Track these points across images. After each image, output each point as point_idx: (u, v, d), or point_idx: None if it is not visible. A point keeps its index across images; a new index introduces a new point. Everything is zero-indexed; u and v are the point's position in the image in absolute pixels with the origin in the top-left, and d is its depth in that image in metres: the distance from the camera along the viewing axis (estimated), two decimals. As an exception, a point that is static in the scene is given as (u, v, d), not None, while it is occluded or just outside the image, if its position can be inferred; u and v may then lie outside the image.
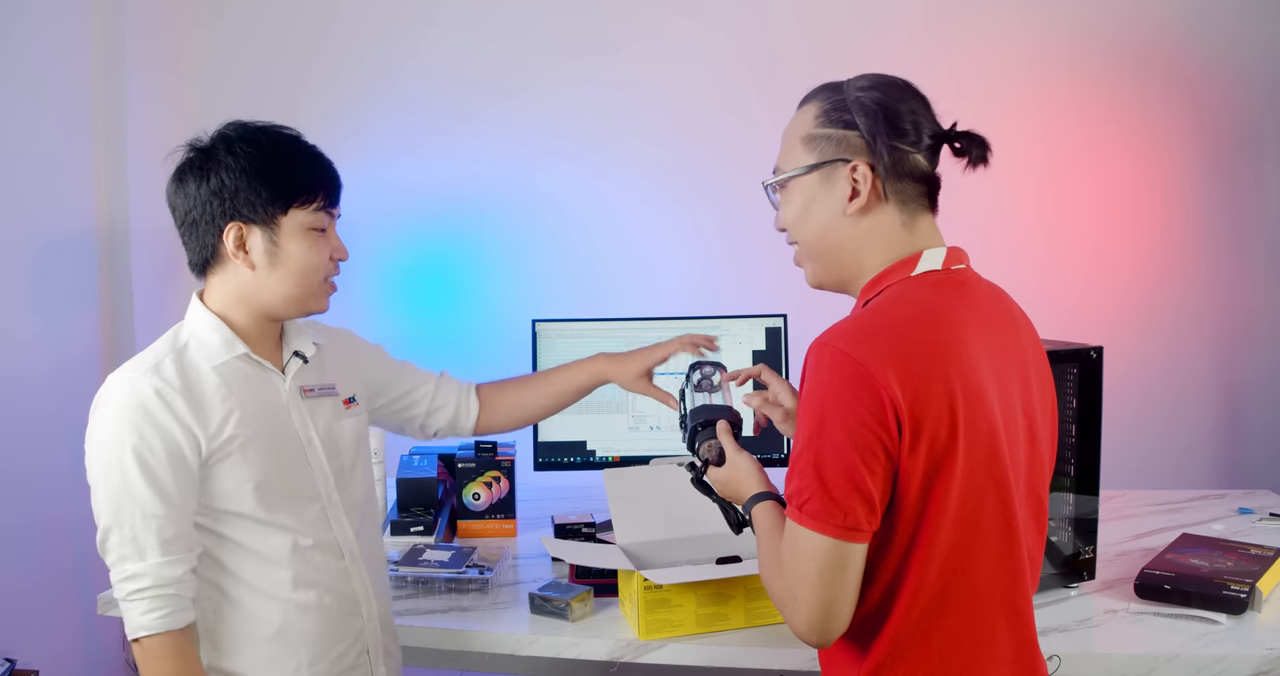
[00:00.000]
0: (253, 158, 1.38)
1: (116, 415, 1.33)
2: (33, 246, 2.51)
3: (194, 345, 1.40)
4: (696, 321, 2.31)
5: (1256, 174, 2.93)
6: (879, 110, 1.19)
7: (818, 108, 1.23)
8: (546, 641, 1.71)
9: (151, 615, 1.31)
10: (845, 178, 1.19)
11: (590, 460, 2.29)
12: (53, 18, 2.58)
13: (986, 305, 1.21)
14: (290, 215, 1.39)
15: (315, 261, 1.42)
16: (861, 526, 1.08)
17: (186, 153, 1.42)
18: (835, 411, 1.07)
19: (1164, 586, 1.77)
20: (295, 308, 1.44)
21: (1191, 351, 2.98)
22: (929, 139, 1.20)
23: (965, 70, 2.94)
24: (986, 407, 1.12)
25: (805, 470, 1.09)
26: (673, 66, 2.98)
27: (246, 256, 1.39)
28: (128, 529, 1.32)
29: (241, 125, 1.42)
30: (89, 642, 2.66)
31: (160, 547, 1.32)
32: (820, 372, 1.10)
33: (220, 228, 1.38)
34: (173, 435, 1.33)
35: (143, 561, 1.31)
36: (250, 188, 1.37)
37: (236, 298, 1.42)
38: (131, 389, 1.34)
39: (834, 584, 1.08)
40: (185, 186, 1.40)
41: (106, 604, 1.89)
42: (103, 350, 2.78)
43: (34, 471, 2.47)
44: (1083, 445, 1.86)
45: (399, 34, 3.01)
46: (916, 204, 1.21)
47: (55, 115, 2.60)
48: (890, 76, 1.24)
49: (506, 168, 3.01)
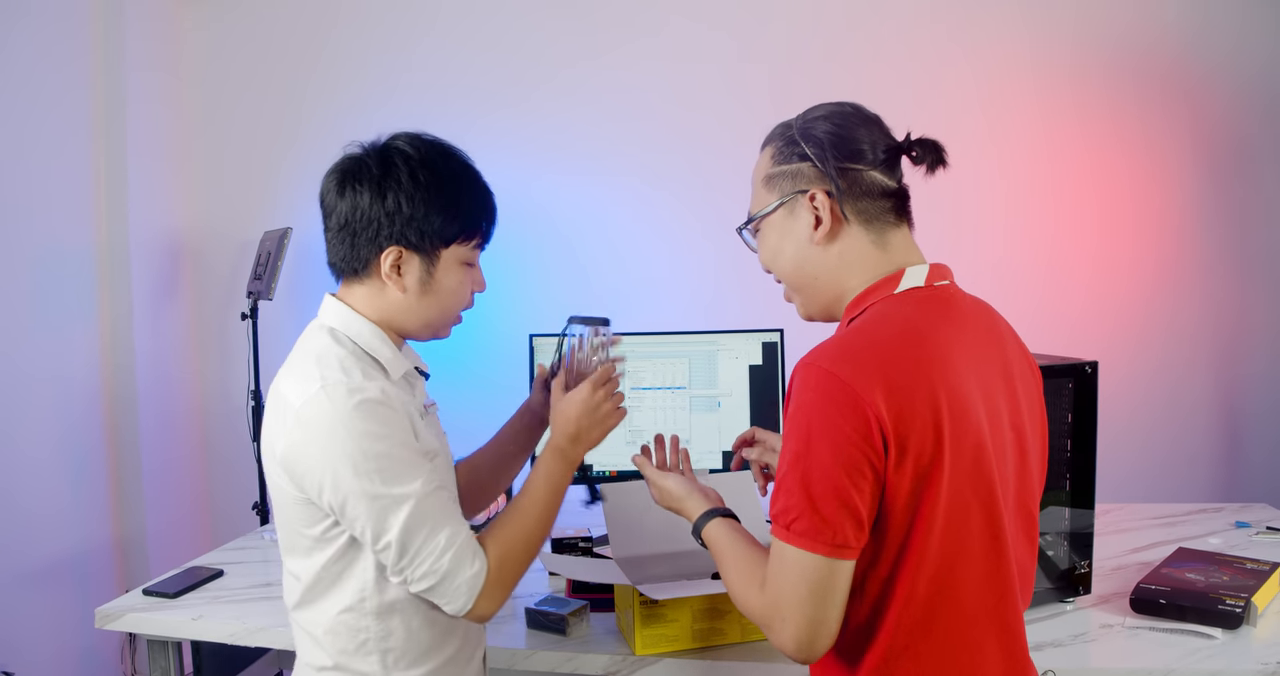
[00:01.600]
0: (433, 187, 1.34)
1: (344, 414, 1.25)
2: (32, 258, 2.52)
3: (363, 353, 1.36)
4: (694, 336, 2.32)
5: (1254, 188, 2.94)
6: (826, 137, 1.22)
7: (773, 148, 1.26)
8: (543, 656, 1.71)
9: (478, 562, 1.29)
10: (806, 208, 1.22)
11: (588, 474, 2.29)
12: (52, 21, 2.59)
13: (971, 321, 1.22)
14: (450, 249, 1.38)
15: (463, 294, 1.42)
16: (850, 543, 1.08)
17: (360, 154, 1.37)
18: (821, 430, 1.08)
19: (1160, 601, 1.77)
20: (429, 332, 1.43)
21: (1189, 365, 2.99)
22: (882, 154, 1.22)
23: (967, 80, 2.96)
24: (973, 423, 1.12)
25: (793, 489, 1.09)
26: (670, 74, 3.00)
27: (400, 280, 1.36)
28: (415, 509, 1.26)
29: (427, 145, 1.38)
30: (87, 656, 2.66)
31: (455, 509, 1.31)
32: (806, 391, 1.10)
33: (381, 247, 1.35)
34: (406, 417, 1.30)
35: (455, 525, 1.29)
36: (425, 218, 1.34)
37: (381, 311, 1.39)
38: (351, 388, 1.27)
39: (823, 602, 1.09)
40: (356, 194, 1.34)
41: (104, 617, 1.89)
42: (102, 363, 2.78)
43: (34, 485, 2.47)
44: (1078, 459, 1.86)
45: (398, 37, 3.03)
46: (883, 220, 1.22)
47: (54, 117, 2.60)
48: (837, 103, 1.26)
49: (503, 179, 3.00)
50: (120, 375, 2.83)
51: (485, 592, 1.30)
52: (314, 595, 1.34)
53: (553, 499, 1.40)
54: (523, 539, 1.35)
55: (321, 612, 1.34)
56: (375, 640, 1.33)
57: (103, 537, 2.79)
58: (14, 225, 2.45)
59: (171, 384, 2.99)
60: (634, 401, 2.28)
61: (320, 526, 1.31)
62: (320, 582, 1.33)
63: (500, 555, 1.32)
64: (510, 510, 1.38)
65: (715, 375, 2.30)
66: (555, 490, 1.41)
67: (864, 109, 1.25)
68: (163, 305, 2.96)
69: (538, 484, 1.40)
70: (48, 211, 2.57)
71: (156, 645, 1.94)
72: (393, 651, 1.34)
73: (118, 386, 2.83)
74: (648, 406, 2.29)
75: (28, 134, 2.50)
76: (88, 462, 2.74)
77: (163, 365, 2.94)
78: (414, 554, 1.27)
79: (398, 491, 1.26)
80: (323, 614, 1.34)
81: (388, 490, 1.25)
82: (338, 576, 1.33)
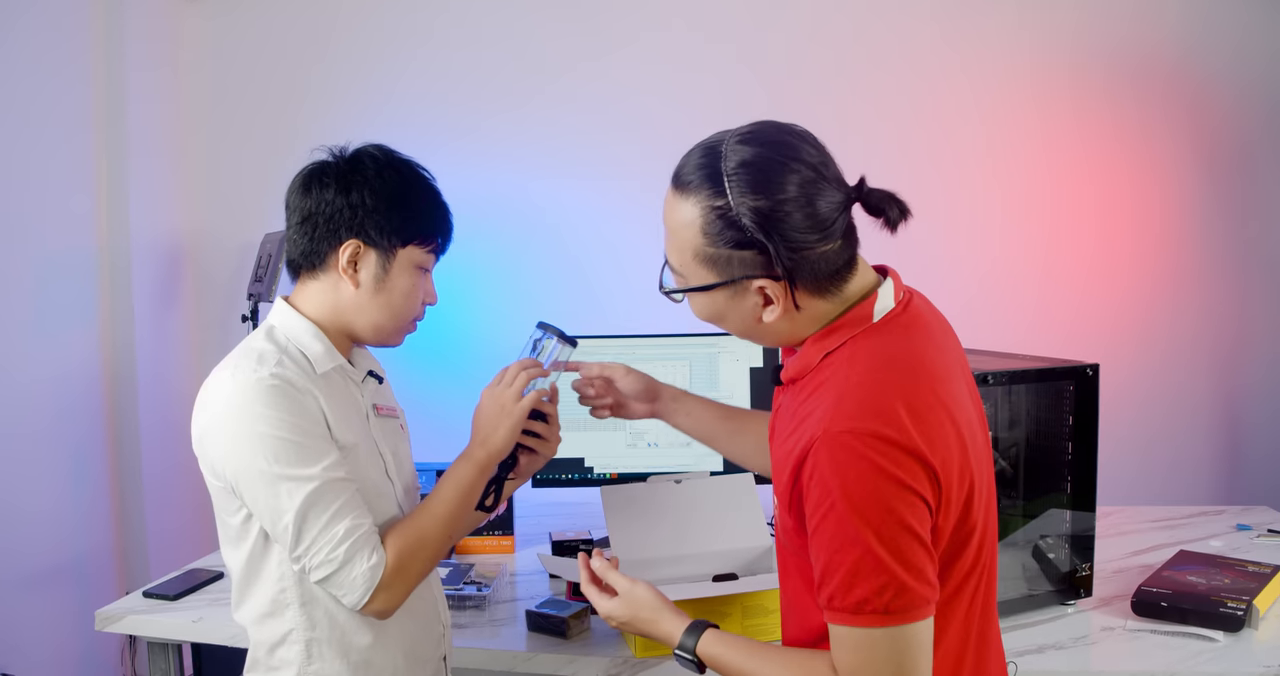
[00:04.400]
0: (396, 184, 1.39)
1: (246, 396, 1.28)
2: (33, 260, 2.52)
3: (294, 349, 1.39)
4: (695, 338, 2.32)
5: (1254, 191, 2.94)
6: (771, 223, 1.03)
7: (702, 217, 1.06)
8: (544, 658, 1.71)
9: (376, 555, 1.29)
10: (754, 291, 1.09)
11: (588, 477, 2.29)
12: (52, 21, 2.59)
13: (938, 335, 1.16)
14: (408, 249, 1.41)
15: (414, 299, 1.44)
16: (930, 599, 1.03)
17: (327, 156, 1.42)
18: (892, 494, 1.00)
19: (1161, 603, 1.76)
20: (378, 337, 1.45)
21: (1189, 367, 2.98)
22: (833, 224, 1.05)
23: (967, 85, 2.96)
24: (978, 452, 1.11)
25: (877, 570, 1.00)
26: (669, 80, 3.00)
27: (355, 275, 1.40)
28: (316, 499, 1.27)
29: (390, 152, 1.43)
30: (87, 658, 2.66)
31: (355, 500, 1.31)
32: (853, 461, 1.00)
33: (341, 239, 1.39)
34: (315, 410, 1.32)
35: (351, 519, 1.29)
36: (386, 212, 1.38)
37: (330, 310, 1.42)
38: (259, 376, 1.29)
39: (928, 660, 1.04)
40: (322, 190, 1.39)
41: (105, 619, 1.89)
42: (103, 366, 2.78)
43: (33, 487, 2.47)
44: (1079, 461, 1.86)
45: (399, 39, 3.03)
46: (841, 279, 1.10)
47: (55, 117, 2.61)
48: (772, 151, 1.05)
49: (503, 182, 3.03)
50: (121, 377, 2.83)
51: (382, 587, 1.30)
52: (244, 587, 1.38)
53: (460, 501, 1.41)
54: (424, 539, 1.36)
55: (253, 605, 1.37)
56: (300, 630, 1.35)
57: (103, 540, 2.79)
58: (15, 227, 2.45)
59: (172, 386, 2.98)
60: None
61: (240, 515, 1.34)
62: (247, 573, 1.37)
63: (400, 552, 1.32)
64: (417, 510, 1.40)
65: (716, 377, 2.30)
66: (461, 493, 1.41)
67: (807, 155, 1.05)
68: (164, 307, 2.96)
69: (445, 486, 1.41)
70: (48, 213, 2.57)
71: (157, 647, 1.94)
72: (317, 641, 1.35)
73: (119, 388, 2.83)
74: (648, 409, 2.29)
75: (28, 134, 2.50)
76: (88, 465, 2.74)
77: (163, 367, 2.94)
78: (311, 540, 1.28)
79: (294, 472, 1.27)
80: (254, 606, 1.37)
81: (284, 470, 1.27)
82: (259, 567, 1.36)
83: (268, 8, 3.08)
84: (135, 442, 2.85)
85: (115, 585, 2.81)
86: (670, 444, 2.27)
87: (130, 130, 2.78)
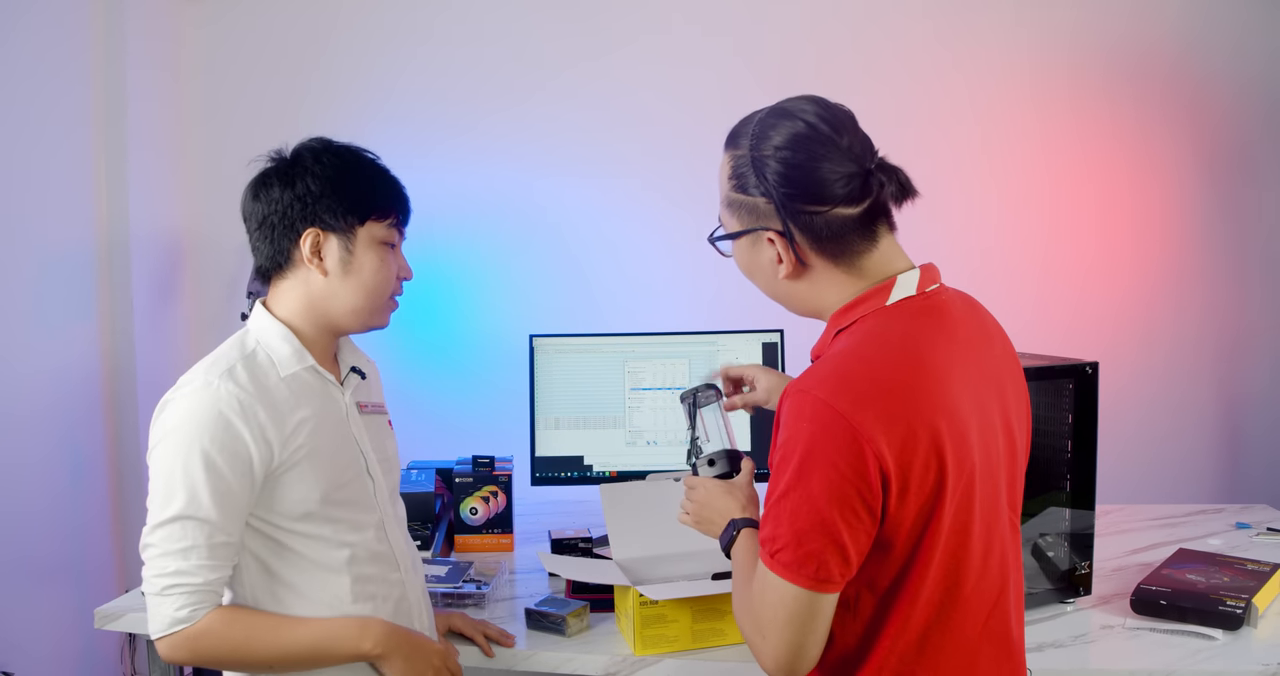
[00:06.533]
0: (337, 167, 1.43)
1: (191, 416, 1.34)
2: (32, 256, 2.51)
3: (262, 353, 1.42)
4: (694, 337, 2.32)
5: (1254, 190, 2.94)
6: (778, 177, 1.12)
7: (731, 164, 1.18)
8: (543, 656, 1.71)
9: (187, 610, 1.31)
10: (767, 244, 1.16)
11: (587, 475, 2.29)
12: (52, 20, 2.59)
13: (963, 328, 1.17)
14: (366, 226, 1.44)
15: (385, 275, 1.46)
16: (834, 578, 1.06)
17: (269, 161, 1.47)
18: (817, 464, 1.04)
19: (1160, 602, 1.77)
20: (360, 321, 1.47)
21: (1189, 366, 2.98)
22: (842, 190, 1.11)
23: (966, 84, 2.95)
24: (972, 444, 1.11)
25: (781, 519, 1.06)
26: (669, 77, 2.99)
27: (321, 263, 1.42)
28: (178, 528, 1.31)
29: (326, 141, 1.48)
30: (87, 656, 2.66)
31: (209, 552, 1.32)
32: (801, 421, 1.06)
33: (299, 232, 1.42)
34: (245, 445, 1.34)
35: (186, 562, 1.31)
36: (334, 195, 1.42)
37: (305, 305, 1.44)
38: (211, 393, 1.35)
39: (803, 629, 1.07)
40: (269, 191, 1.43)
41: (104, 617, 1.89)
42: (103, 363, 2.78)
43: (33, 484, 2.47)
44: (1079, 460, 1.86)
45: (399, 38, 3.03)
46: (854, 250, 1.14)
47: (54, 116, 2.60)
48: (794, 114, 1.15)
49: (504, 180, 3.02)
50: (120, 374, 2.83)
51: (173, 641, 1.32)
52: None
53: (307, 656, 1.39)
54: (243, 644, 1.35)
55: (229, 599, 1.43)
56: None
57: (103, 537, 2.79)
58: (14, 224, 2.44)
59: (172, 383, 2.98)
60: (634, 401, 2.28)
61: None
62: None
63: (218, 630, 1.33)
64: (276, 621, 1.39)
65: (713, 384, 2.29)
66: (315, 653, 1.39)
67: (823, 124, 1.13)
68: (163, 305, 2.96)
69: (308, 638, 1.39)
70: (48, 210, 2.57)
71: (156, 645, 1.93)
72: None
73: (118, 386, 2.83)
74: (648, 407, 2.29)
75: (28, 132, 2.50)
76: (87, 462, 2.74)
77: (163, 365, 2.94)
78: (149, 557, 1.33)
79: (176, 492, 1.31)
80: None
81: (167, 486, 1.32)
82: None
83: (268, 6, 3.08)
84: (135, 439, 2.84)
85: (115, 582, 2.81)
86: (669, 442, 2.27)
87: (130, 128, 2.78)
